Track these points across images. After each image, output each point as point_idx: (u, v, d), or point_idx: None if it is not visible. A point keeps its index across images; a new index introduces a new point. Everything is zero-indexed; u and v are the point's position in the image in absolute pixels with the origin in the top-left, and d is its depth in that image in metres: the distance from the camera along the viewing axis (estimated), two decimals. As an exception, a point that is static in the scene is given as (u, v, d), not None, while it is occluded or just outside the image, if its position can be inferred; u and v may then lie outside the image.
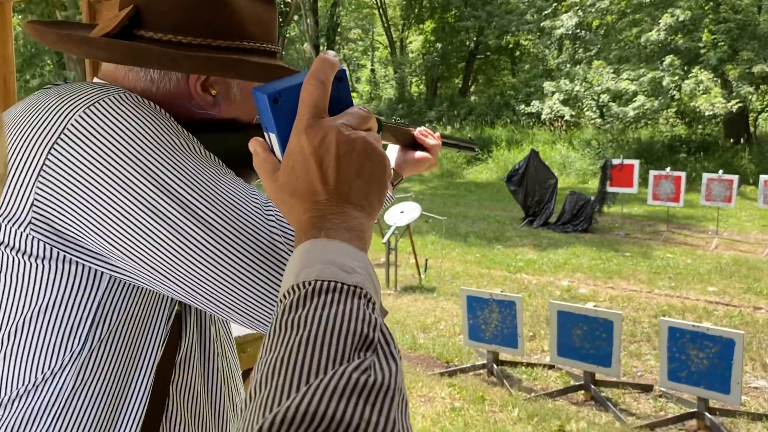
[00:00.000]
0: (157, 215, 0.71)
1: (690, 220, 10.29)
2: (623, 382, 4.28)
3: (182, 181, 0.73)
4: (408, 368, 4.63)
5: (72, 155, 0.72)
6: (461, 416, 3.87)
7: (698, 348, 3.68)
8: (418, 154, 1.41)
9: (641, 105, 13.97)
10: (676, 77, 13.86)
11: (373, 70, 31.00)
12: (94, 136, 0.73)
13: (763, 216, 9.88)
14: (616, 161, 9.49)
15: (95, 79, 0.93)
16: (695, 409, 3.76)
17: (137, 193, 0.71)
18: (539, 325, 5.46)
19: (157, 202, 0.71)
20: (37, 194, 0.73)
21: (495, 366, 4.46)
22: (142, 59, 0.83)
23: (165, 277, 0.73)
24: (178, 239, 0.71)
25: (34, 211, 0.73)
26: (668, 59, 13.86)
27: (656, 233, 9.32)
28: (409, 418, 0.47)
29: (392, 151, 1.43)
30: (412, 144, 1.43)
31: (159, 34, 0.83)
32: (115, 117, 0.74)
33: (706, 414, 3.71)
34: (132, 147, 0.72)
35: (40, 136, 0.74)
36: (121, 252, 0.73)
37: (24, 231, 0.74)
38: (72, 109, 0.75)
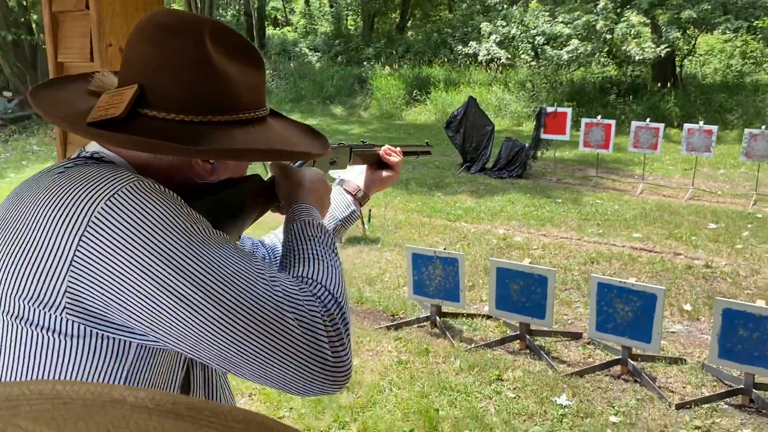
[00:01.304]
0: (174, 294, 0.81)
1: (618, 164, 10.76)
2: (555, 331, 4.62)
3: (196, 263, 0.82)
4: (356, 322, 4.85)
5: (99, 245, 0.81)
6: (407, 369, 4.12)
7: (624, 302, 4.01)
8: (384, 173, 1.54)
9: (575, 49, 14.26)
10: (609, 21, 14.14)
11: (307, 2, 30.12)
12: (118, 228, 0.81)
13: (685, 160, 10.42)
14: (550, 109, 9.76)
15: (93, 145, 0.99)
16: (620, 356, 4.13)
17: (157, 276, 0.81)
18: (477, 275, 5.74)
19: (174, 283, 0.81)
20: (71, 282, 0.81)
21: (438, 318, 4.72)
22: (158, 150, 0.91)
23: (186, 345, 0.84)
24: (194, 315, 0.82)
25: (68, 297, 0.82)
26: (602, 2, 14.10)
27: (586, 178, 9.74)
28: (358, 372, 0.64)
29: (360, 173, 1.55)
30: (377, 162, 1.56)
31: (163, 113, 0.90)
32: (134, 207, 0.82)
33: (629, 360, 4.09)
34: (151, 235, 0.81)
35: (67, 228, 0.82)
36: (146, 327, 0.83)
37: (60, 315, 0.83)
38: (95, 202, 0.82)
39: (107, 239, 0.81)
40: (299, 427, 3.46)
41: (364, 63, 20.36)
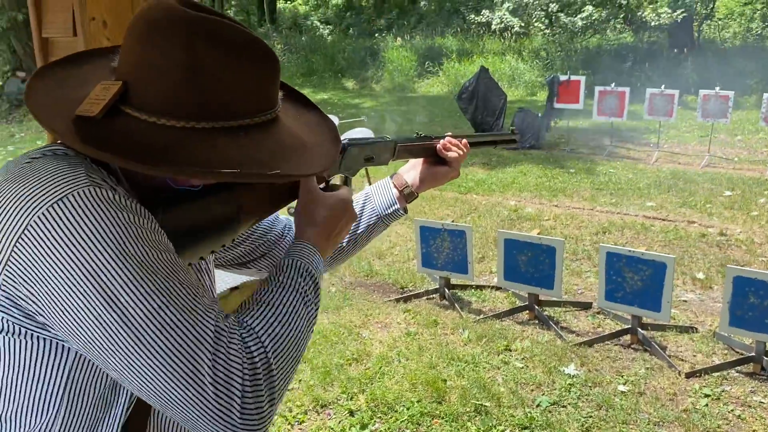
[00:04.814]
0: (92, 315, 0.78)
1: (633, 132, 10.60)
2: (564, 301, 4.59)
3: (122, 288, 0.78)
4: (365, 295, 4.86)
5: (32, 249, 0.79)
6: (416, 340, 4.13)
7: (633, 271, 3.97)
8: (440, 169, 1.41)
9: (589, 15, 14.01)
10: (624, -15, 13.88)
11: (318, -26, 29.80)
12: (52, 235, 0.78)
13: (701, 127, 10.24)
14: (562, 77, 9.61)
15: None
16: (629, 326, 4.10)
17: (80, 292, 0.78)
18: (488, 246, 5.72)
19: (95, 304, 0.78)
20: (5, 280, 0.81)
21: (447, 290, 4.72)
22: (112, 161, 0.86)
23: (98, 361, 0.82)
24: (110, 344, 0.78)
25: (2, 293, 0.82)
26: (617, -33, 13.83)
27: (600, 147, 9.61)
28: (368, 344, 0.60)
29: (413, 167, 1.43)
30: (434, 156, 1.41)
31: (144, 116, 0.85)
32: (75, 217, 0.79)
33: (639, 329, 4.06)
34: (83, 248, 0.78)
35: (9, 227, 0.80)
36: (67, 336, 0.82)
37: None
38: (38, 205, 0.79)
39: (40, 245, 0.78)
40: (308, 399, 3.49)
41: (376, 35, 20.17)
